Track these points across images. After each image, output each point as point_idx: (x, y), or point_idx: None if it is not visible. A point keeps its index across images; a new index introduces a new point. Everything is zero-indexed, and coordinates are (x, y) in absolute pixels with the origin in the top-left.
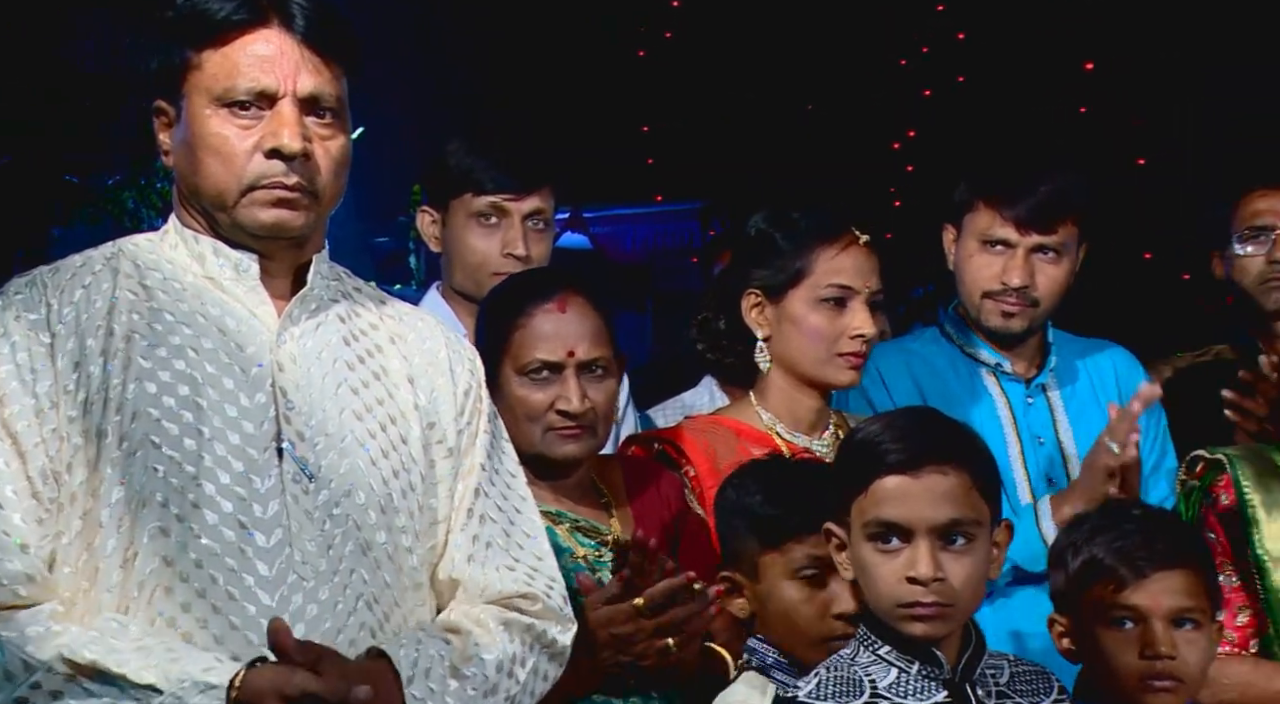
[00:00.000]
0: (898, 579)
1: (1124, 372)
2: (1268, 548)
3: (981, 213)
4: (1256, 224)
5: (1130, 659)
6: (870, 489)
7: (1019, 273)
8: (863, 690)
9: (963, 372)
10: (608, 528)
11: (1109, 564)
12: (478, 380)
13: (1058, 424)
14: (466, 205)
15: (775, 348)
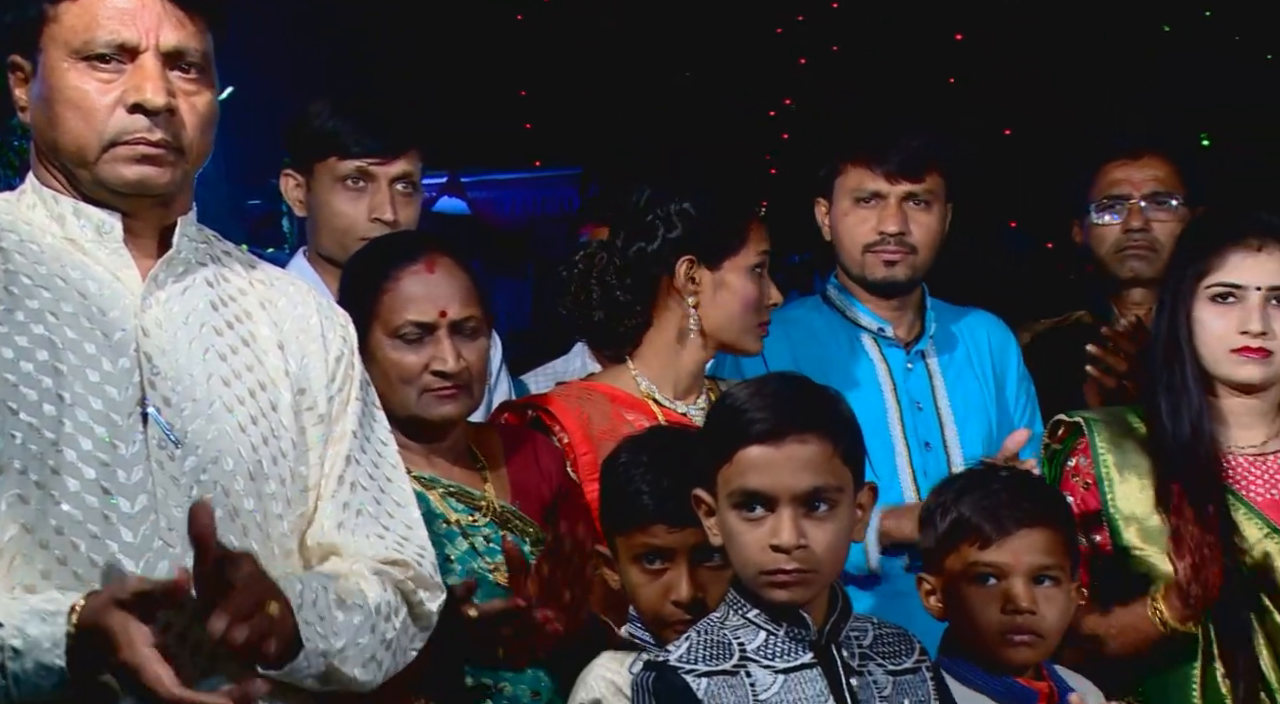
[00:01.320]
0: (761, 547)
1: (997, 339)
2: (1119, 507)
3: (851, 173)
4: (1113, 193)
5: (992, 614)
6: (735, 459)
7: (894, 220)
8: (732, 653)
9: (844, 338)
10: (481, 494)
11: (975, 523)
12: (350, 347)
13: (935, 390)
14: (331, 169)
15: (703, 313)
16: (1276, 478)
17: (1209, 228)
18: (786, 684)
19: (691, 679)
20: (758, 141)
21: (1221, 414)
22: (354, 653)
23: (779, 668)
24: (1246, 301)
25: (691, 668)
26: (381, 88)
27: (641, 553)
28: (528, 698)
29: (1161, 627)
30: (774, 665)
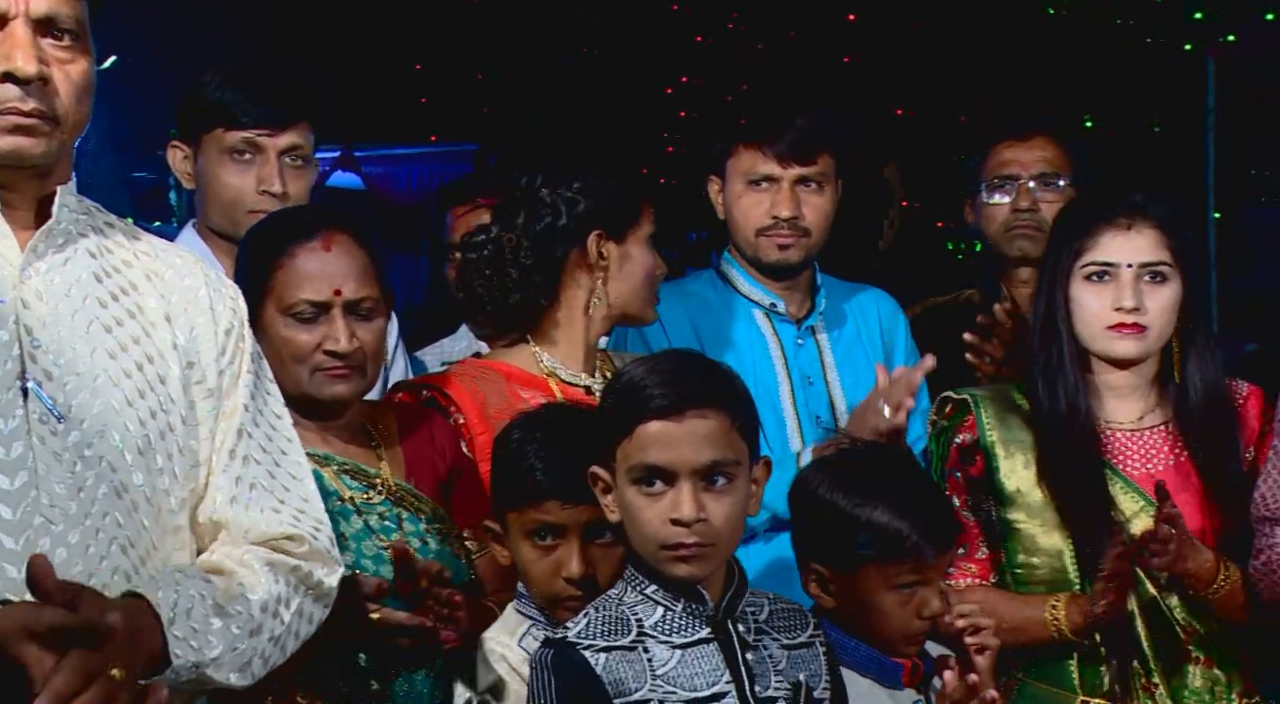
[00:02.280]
0: (661, 521)
1: (886, 316)
2: (1005, 483)
3: (743, 155)
4: (1003, 174)
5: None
6: (634, 434)
7: (787, 204)
8: (630, 629)
9: (737, 313)
10: (376, 471)
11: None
12: (240, 319)
13: (826, 365)
14: (219, 140)
15: (610, 287)
16: (1152, 452)
17: (1082, 209)
18: (684, 659)
19: (590, 655)
20: (655, 118)
21: (1099, 390)
22: (230, 659)
23: (676, 643)
24: (1119, 279)
25: (590, 644)
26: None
27: (533, 529)
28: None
29: (1056, 635)
30: (671, 641)
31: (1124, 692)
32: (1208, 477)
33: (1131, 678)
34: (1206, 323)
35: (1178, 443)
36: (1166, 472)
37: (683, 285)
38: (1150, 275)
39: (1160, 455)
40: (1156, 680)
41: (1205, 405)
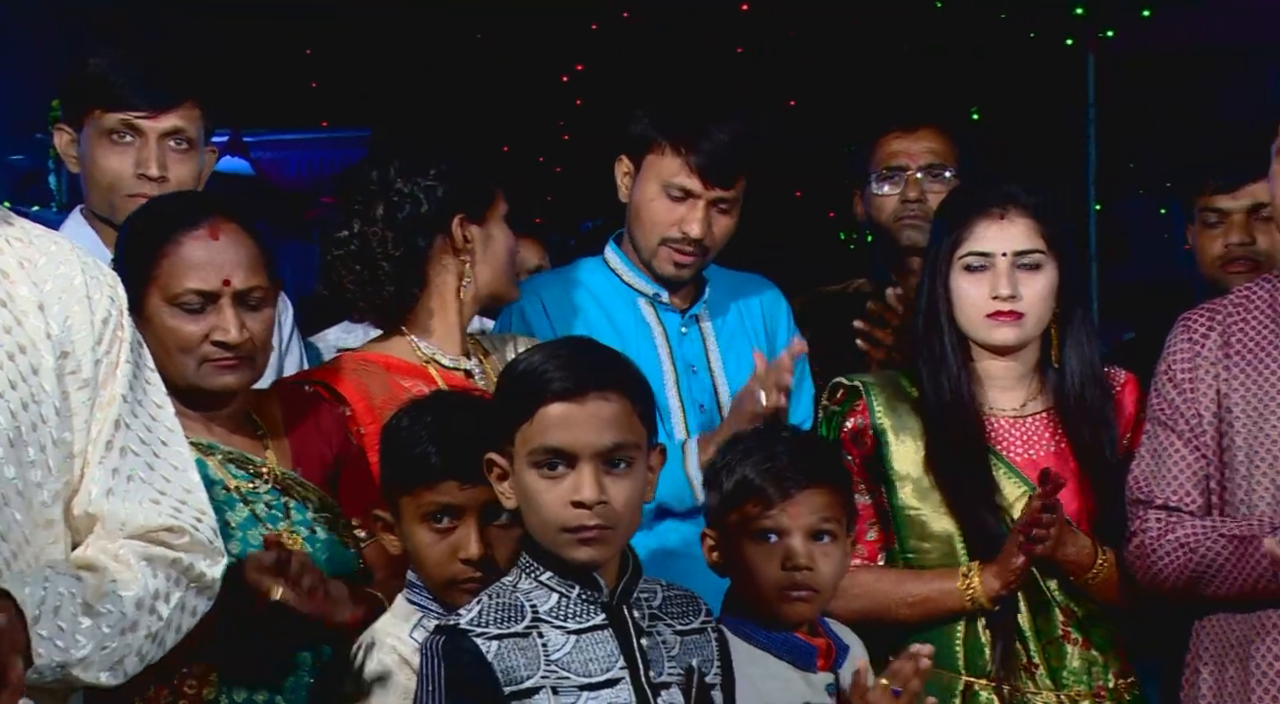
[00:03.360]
0: (562, 504)
1: (768, 303)
2: (895, 468)
3: (668, 159)
4: (892, 164)
5: (772, 571)
6: (535, 417)
7: (699, 225)
8: (524, 615)
9: (622, 301)
10: (263, 460)
11: (759, 484)
12: (119, 307)
13: (710, 354)
14: (98, 122)
15: (477, 269)
16: (1034, 438)
17: (960, 201)
18: (578, 645)
19: (482, 642)
20: (550, 107)
21: (981, 378)
22: (99, 658)
23: (571, 629)
24: (995, 268)
25: (482, 631)
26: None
27: (430, 512)
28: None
29: (970, 604)
30: (566, 626)
31: (1006, 672)
32: (1086, 462)
33: (1013, 659)
34: (1085, 311)
35: (1058, 429)
36: (1047, 457)
37: (568, 273)
38: (1025, 264)
39: (1041, 441)
40: (1037, 661)
41: (1083, 392)
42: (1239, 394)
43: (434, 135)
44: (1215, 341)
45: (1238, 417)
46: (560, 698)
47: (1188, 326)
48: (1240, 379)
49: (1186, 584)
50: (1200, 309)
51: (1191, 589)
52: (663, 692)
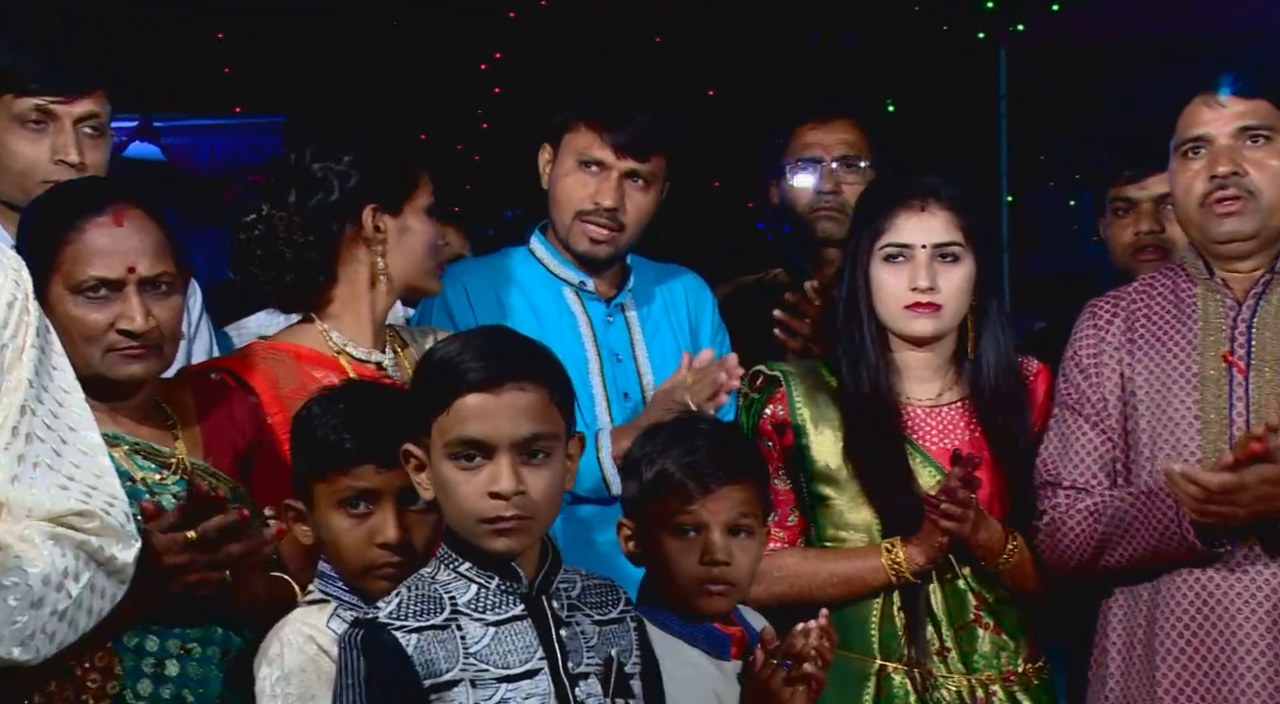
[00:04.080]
0: (480, 495)
1: (693, 295)
2: (815, 459)
3: (582, 133)
4: (807, 155)
5: (691, 565)
6: (452, 408)
7: (611, 194)
8: (443, 607)
9: (547, 290)
10: (172, 450)
11: (679, 478)
12: (25, 291)
13: (635, 343)
14: (9, 107)
15: (390, 260)
16: (949, 427)
17: (880, 192)
18: (497, 636)
19: (401, 636)
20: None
21: (899, 368)
22: (9, 633)
23: (490, 620)
24: (915, 259)
25: (402, 624)
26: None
27: (346, 497)
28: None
29: (895, 578)
30: (485, 618)
31: (920, 655)
32: (1000, 451)
33: (926, 643)
34: (1000, 303)
35: (973, 418)
36: (962, 446)
37: (492, 261)
38: (943, 256)
39: (957, 430)
40: (949, 645)
41: (998, 382)
42: (1142, 378)
43: (355, 122)
44: (1120, 328)
45: (1141, 400)
46: (479, 690)
47: (1093, 313)
48: (1144, 363)
49: (1093, 553)
50: (1106, 297)
51: (1097, 557)
52: (581, 682)
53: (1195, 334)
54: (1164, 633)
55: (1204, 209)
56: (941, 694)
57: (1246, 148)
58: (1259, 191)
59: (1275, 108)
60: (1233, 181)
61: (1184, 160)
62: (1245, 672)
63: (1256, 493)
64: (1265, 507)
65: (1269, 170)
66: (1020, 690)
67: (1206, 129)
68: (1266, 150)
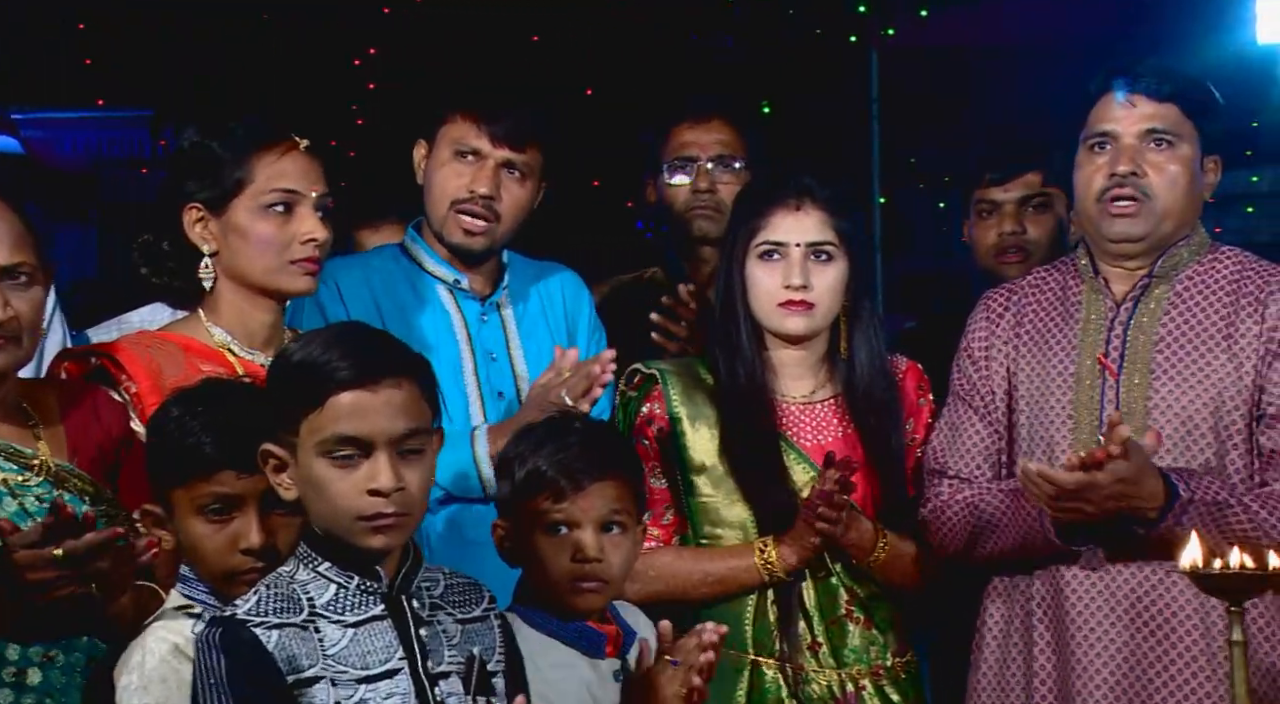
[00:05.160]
0: (358, 493)
1: (570, 294)
2: (691, 456)
3: (458, 124)
4: (683, 155)
5: (563, 563)
6: (326, 406)
7: (487, 182)
8: (301, 609)
9: (421, 288)
10: (34, 451)
11: (550, 476)
12: None
13: (509, 341)
14: None
15: (224, 262)
16: (822, 424)
17: (756, 191)
18: (356, 637)
19: (261, 632)
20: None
21: (774, 366)
22: None
23: (349, 621)
24: (789, 258)
25: (261, 620)
26: None
27: (206, 503)
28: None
29: (768, 577)
30: (344, 620)
31: (793, 650)
32: (871, 449)
33: (799, 638)
34: (872, 303)
35: (845, 415)
36: (835, 442)
37: (365, 258)
38: (817, 254)
39: (830, 427)
40: (821, 640)
41: (870, 381)
42: (1025, 373)
43: (203, 118)
44: (1009, 321)
45: (1022, 396)
46: (339, 690)
47: (987, 305)
48: (1027, 358)
49: (967, 544)
50: (1001, 288)
51: (973, 547)
52: (442, 681)
53: (1076, 333)
54: (1039, 625)
55: (1100, 205)
56: (812, 689)
57: (1150, 150)
58: (1154, 194)
59: (1183, 114)
60: (1130, 181)
61: (1089, 153)
62: (1096, 668)
63: (1109, 492)
64: (1117, 504)
65: (1167, 174)
66: (889, 684)
67: (1114, 126)
68: (1168, 155)
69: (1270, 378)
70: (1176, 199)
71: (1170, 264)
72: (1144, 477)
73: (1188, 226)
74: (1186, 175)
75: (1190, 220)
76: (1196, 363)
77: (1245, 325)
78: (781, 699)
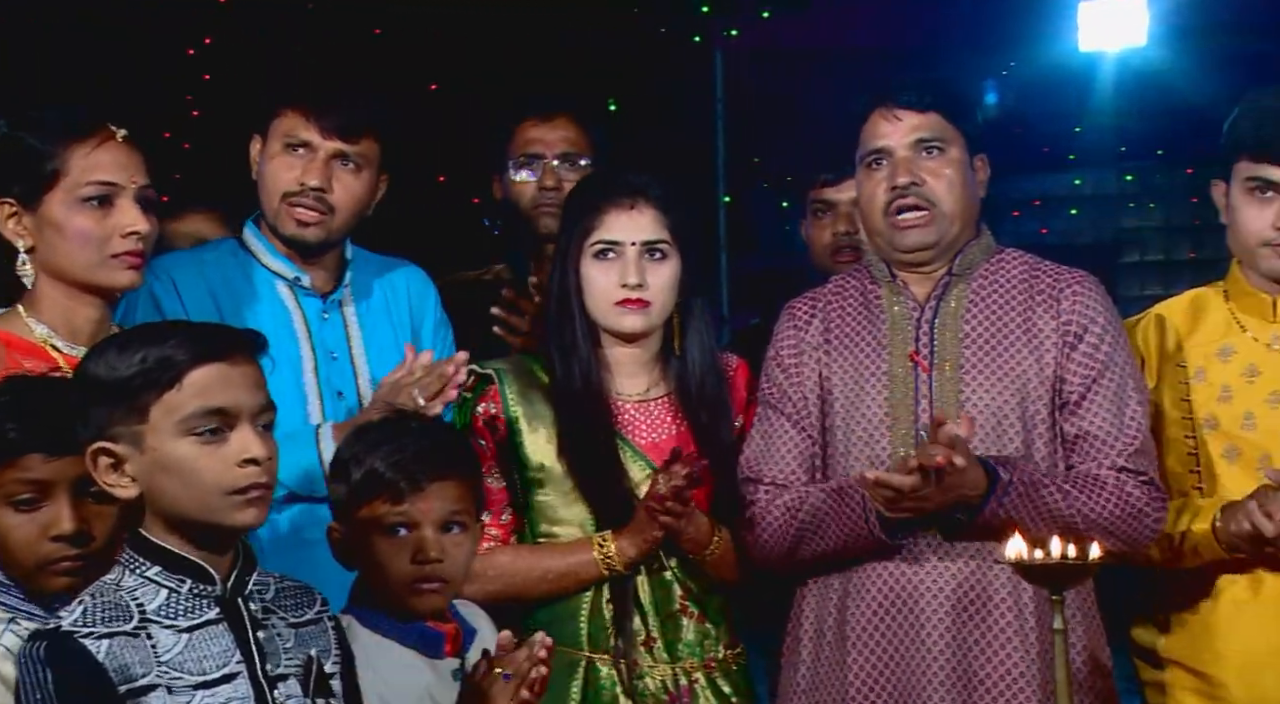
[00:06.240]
0: (228, 466)
1: (416, 291)
2: (529, 456)
3: (289, 117)
4: (529, 152)
5: (402, 564)
6: (185, 382)
7: (318, 175)
8: (131, 616)
9: (259, 285)
10: None
11: (388, 477)
12: None
13: (351, 339)
14: None
15: (42, 258)
16: (657, 422)
17: (590, 190)
18: (191, 643)
19: (90, 642)
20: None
21: (609, 364)
22: None
23: (182, 627)
24: (625, 257)
25: (89, 631)
26: None
27: (15, 493)
28: None
29: (607, 571)
30: (177, 625)
31: (627, 646)
32: (705, 445)
33: (634, 634)
34: (704, 301)
35: (679, 413)
36: (669, 440)
37: (202, 253)
38: (652, 253)
39: (664, 425)
40: (655, 636)
41: (703, 379)
42: (838, 377)
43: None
44: (817, 328)
45: (837, 399)
46: (175, 697)
47: (792, 314)
48: (839, 363)
49: (790, 546)
50: (804, 297)
51: (796, 548)
52: (280, 684)
53: (885, 334)
54: (854, 621)
55: (888, 219)
56: (647, 684)
57: (923, 159)
58: (938, 200)
59: (947, 120)
60: (913, 191)
61: (867, 171)
62: (929, 658)
63: (944, 487)
64: (952, 497)
65: (944, 180)
66: (721, 676)
67: (886, 141)
68: (941, 161)
69: (1069, 368)
70: (958, 201)
71: (966, 264)
72: (969, 467)
73: (973, 225)
74: (961, 177)
75: (973, 219)
76: (1001, 357)
77: (1043, 321)
78: (616, 696)
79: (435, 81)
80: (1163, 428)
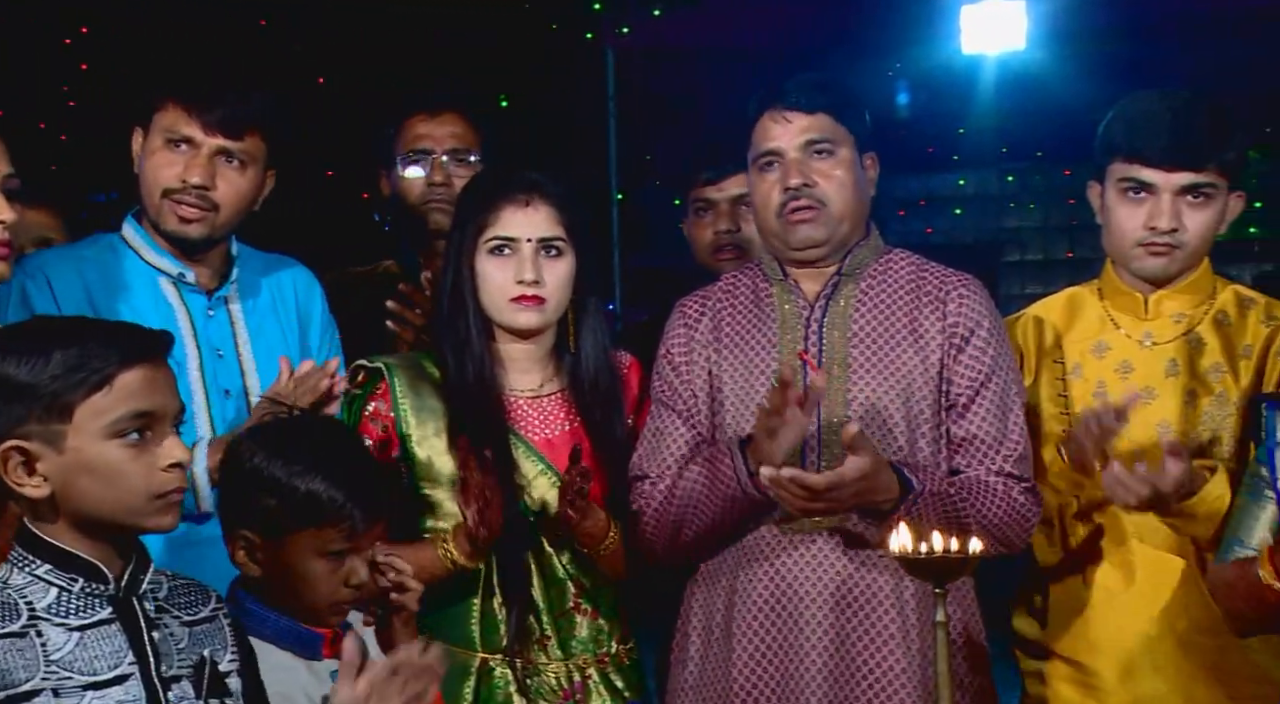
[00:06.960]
0: (154, 470)
1: (302, 288)
2: (417, 452)
3: (170, 111)
4: (417, 147)
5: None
6: (115, 385)
7: (200, 172)
8: (19, 615)
9: (140, 281)
10: None
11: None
12: None
13: (238, 337)
14: None
15: None
16: (550, 418)
17: (485, 186)
18: (83, 642)
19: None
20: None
21: (502, 360)
22: None
23: (74, 625)
24: (520, 253)
25: None
26: None
27: None
28: None
29: (451, 566)
30: (68, 623)
31: (521, 646)
32: (598, 441)
33: (528, 633)
34: (598, 298)
35: (572, 409)
36: (562, 436)
37: (78, 250)
38: (548, 250)
39: (557, 421)
40: (549, 633)
41: (596, 375)
42: (728, 375)
43: None
44: (707, 326)
45: (728, 396)
46: (63, 699)
47: (683, 312)
48: (729, 361)
49: (673, 531)
50: (695, 295)
51: (678, 534)
52: (174, 685)
53: (775, 332)
54: (740, 618)
55: (781, 219)
56: (541, 681)
57: (813, 160)
58: (829, 200)
59: (835, 121)
60: (805, 193)
61: (760, 174)
62: (811, 654)
63: (854, 488)
64: (859, 499)
65: (835, 180)
66: (613, 671)
67: (776, 143)
68: (831, 162)
69: (956, 371)
70: (848, 200)
71: (855, 263)
72: (880, 470)
73: (863, 223)
74: (851, 177)
75: (864, 218)
76: (888, 357)
77: (929, 322)
78: (510, 695)
79: (323, 75)
80: (1040, 422)
